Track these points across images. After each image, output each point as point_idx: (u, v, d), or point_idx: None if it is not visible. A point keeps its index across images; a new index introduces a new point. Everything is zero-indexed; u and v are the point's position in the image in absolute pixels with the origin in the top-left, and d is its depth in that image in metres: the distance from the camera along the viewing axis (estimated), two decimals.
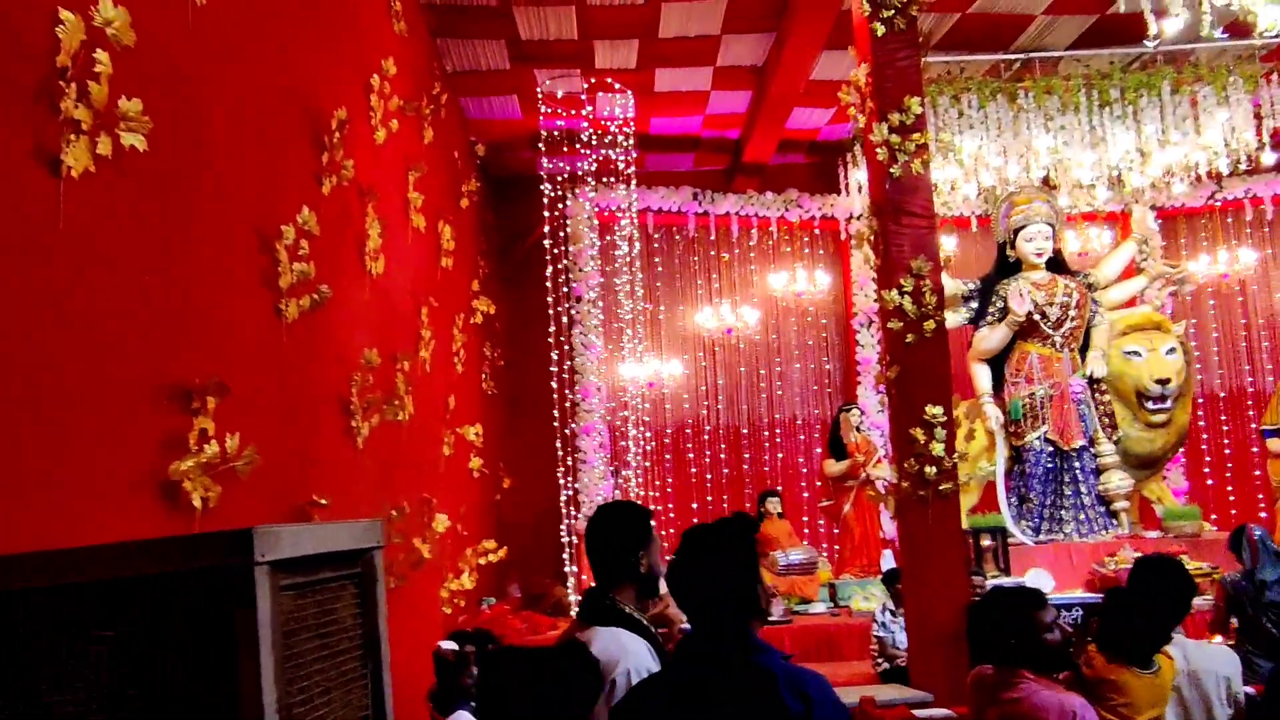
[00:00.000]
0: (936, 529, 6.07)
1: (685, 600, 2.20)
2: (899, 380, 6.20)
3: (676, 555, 2.24)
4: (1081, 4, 8.83)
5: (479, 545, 8.89)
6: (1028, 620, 2.64)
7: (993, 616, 2.70)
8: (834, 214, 11.40)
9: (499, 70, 9.23)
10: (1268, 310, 12.26)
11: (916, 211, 6.23)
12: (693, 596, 2.17)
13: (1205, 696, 2.86)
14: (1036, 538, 10.03)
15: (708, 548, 2.18)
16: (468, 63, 9.13)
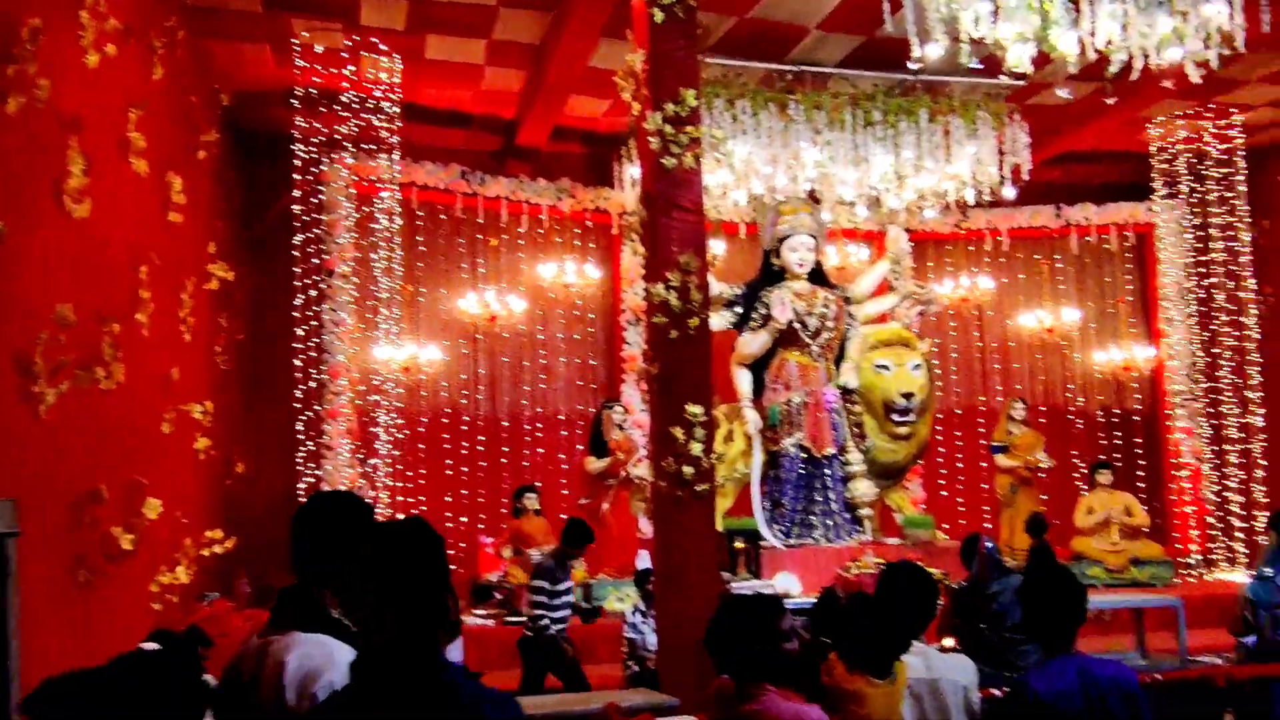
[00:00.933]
0: (692, 530, 5.94)
1: (363, 614, 1.89)
2: (661, 377, 6.04)
3: (354, 565, 1.91)
4: (852, 23, 9.07)
5: (203, 535, 8.06)
6: (766, 629, 2.45)
7: (729, 626, 2.50)
8: (607, 208, 11.23)
9: (250, 13, 8.38)
10: (1000, 335, 13.17)
11: (687, 206, 6.10)
12: (370, 610, 1.86)
13: (944, 706, 2.78)
14: (787, 541, 10.27)
15: (386, 556, 1.87)
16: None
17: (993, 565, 5.90)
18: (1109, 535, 10.78)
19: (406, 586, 1.89)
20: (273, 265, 10.03)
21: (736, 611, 2.52)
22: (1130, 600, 7.10)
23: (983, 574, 5.91)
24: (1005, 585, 5.88)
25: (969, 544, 6.21)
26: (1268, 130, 12.12)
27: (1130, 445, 12.98)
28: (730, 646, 2.49)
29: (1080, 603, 2.86)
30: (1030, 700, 2.72)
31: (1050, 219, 12.78)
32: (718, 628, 2.55)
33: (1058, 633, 2.85)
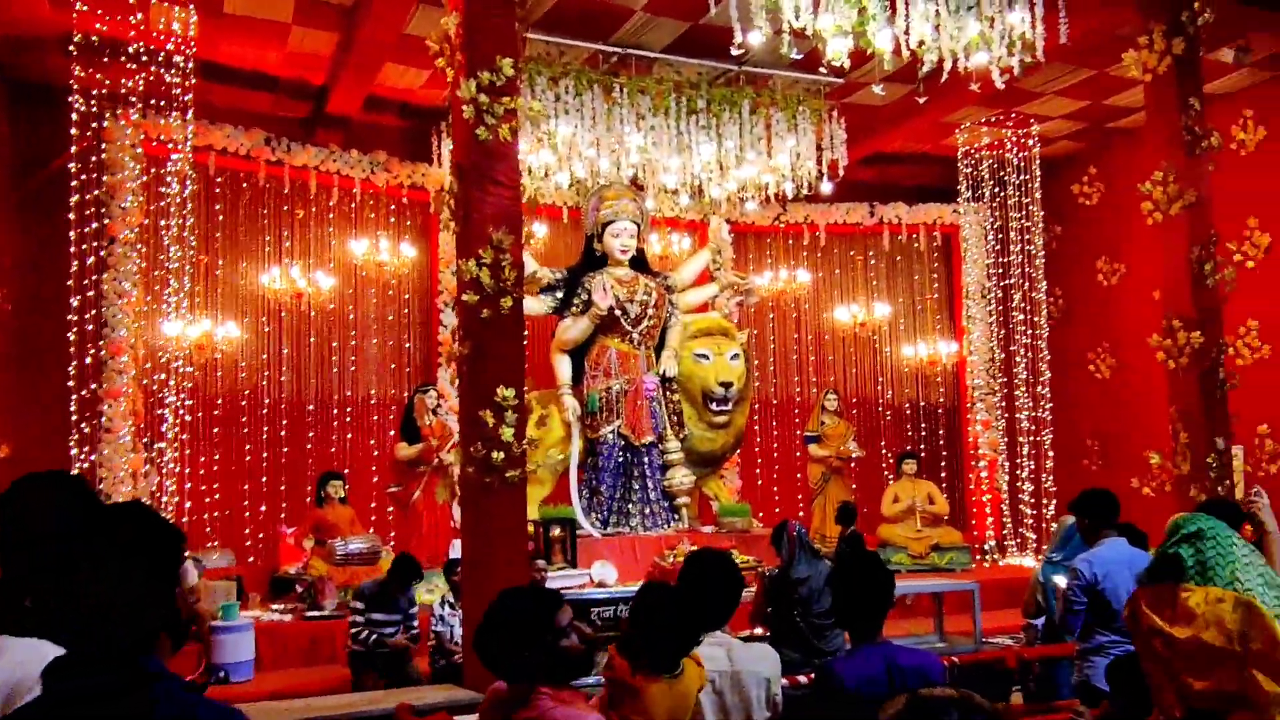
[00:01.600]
0: (501, 518, 5.67)
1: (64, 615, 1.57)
2: (471, 358, 5.74)
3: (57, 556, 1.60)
4: (678, 7, 8.98)
5: None
6: (539, 626, 2.23)
7: (499, 624, 2.26)
8: (425, 184, 10.75)
9: None
10: (816, 328, 13.48)
11: (502, 181, 5.81)
12: (69, 611, 1.53)
13: (746, 699, 2.64)
14: (604, 530, 10.15)
15: (94, 546, 1.56)
16: None
17: (801, 550, 5.90)
18: (912, 523, 11.18)
19: (115, 581, 1.58)
20: (47, 228, 9.07)
21: (507, 607, 2.29)
22: (930, 585, 7.32)
23: (791, 559, 5.90)
24: (814, 570, 5.90)
25: (778, 531, 6.21)
26: (1061, 141, 12.87)
27: (934, 436, 13.55)
28: (500, 647, 2.25)
29: (887, 591, 2.79)
30: (836, 687, 2.62)
31: (865, 216, 13.16)
32: (486, 626, 2.31)
33: (865, 621, 2.77)
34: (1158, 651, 2.67)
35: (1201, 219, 8.50)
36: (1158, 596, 2.76)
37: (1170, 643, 2.62)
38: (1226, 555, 2.77)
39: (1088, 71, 10.78)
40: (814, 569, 5.85)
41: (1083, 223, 13.23)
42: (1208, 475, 8.08)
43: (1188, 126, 8.54)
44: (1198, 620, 2.64)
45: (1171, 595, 2.74)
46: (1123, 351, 12.47)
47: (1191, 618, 2.65)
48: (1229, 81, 11.00)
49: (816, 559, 5.96)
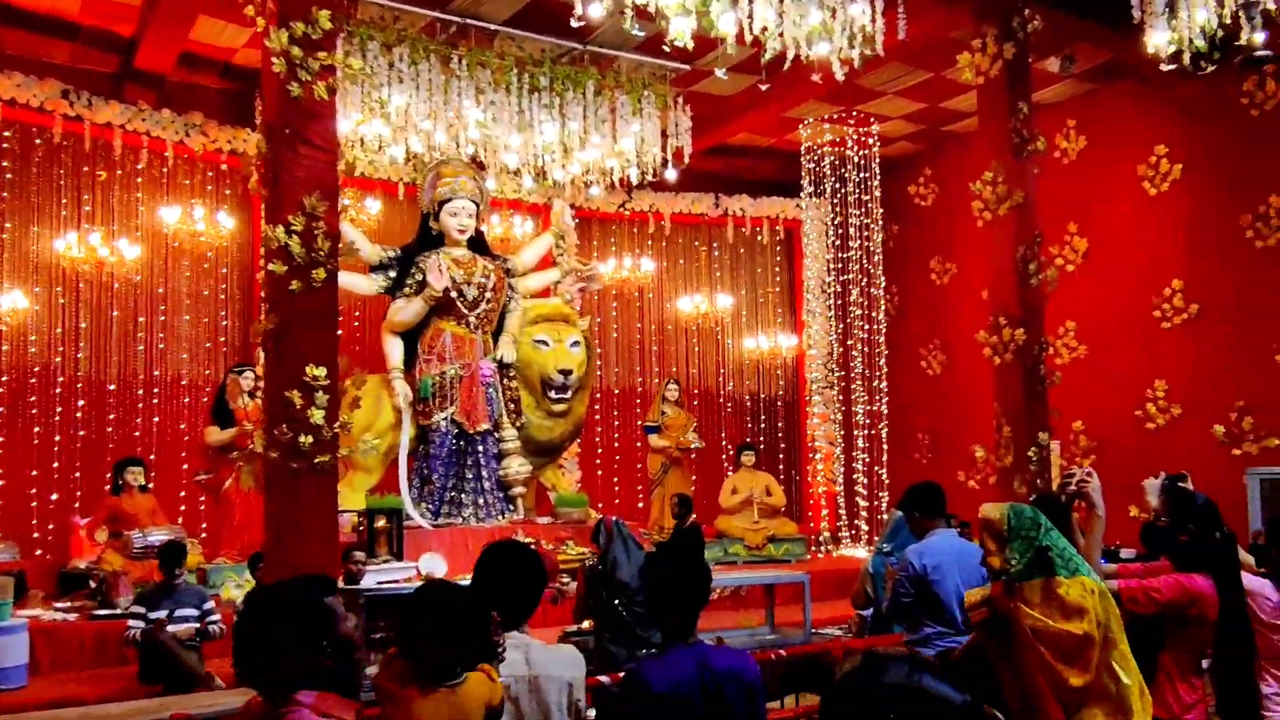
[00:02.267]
0: (310, 506, 5.22)
1: None
2: (279, 334, 5.26)
3: None
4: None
5: None
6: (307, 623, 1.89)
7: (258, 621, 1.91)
8: (247, 150, 10.02)
9: None
10: (659, 318, 13.36)
11: (316, 142, 5.35)
12: None
13: (545, 706, 2.37)
14: (435, 521, 9.72)
15: None
16: None
17: (620, 540, 5.69)
18: (750, 514, 11.19)
19: None
20: None
21: (266, 603, 1.94)
22: (762, 577, 7.26)
23: (609, 550, 5.68)
24: (634, 560, 5.69)
25: (598, 524, 5.99)
26: (899, 142, 13.16)
27: (774, 428, 13.67)
28: (257, 647, 1.90)
29: (701, 589, 2.56)
30: (642, 692, 2.37)
31: (710, 207, 13.13)
32: (243, 625, 1.96)
33: (678, 619, 2.54)
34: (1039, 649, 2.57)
35: (1027, 219, 8.77)
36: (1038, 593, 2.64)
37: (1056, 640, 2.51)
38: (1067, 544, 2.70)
39: (925, 74, 11.02)
40: (634, 559, 5.65)
41: (918, 223, 13.58)
42: (1029, 468, 8.33)
43: (1016, 129, 8.79)
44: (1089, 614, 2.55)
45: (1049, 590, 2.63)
46: (952, 349, 12.87)
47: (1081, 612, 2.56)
48: (1054, 91, 11.46)
49: (637, 549, 5.75)
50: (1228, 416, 10.18)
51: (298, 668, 1.87)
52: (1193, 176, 10.66)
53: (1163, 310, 10.80)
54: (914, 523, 4.83)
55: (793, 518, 12.70)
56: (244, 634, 1.94)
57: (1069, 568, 2.65)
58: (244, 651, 1.92)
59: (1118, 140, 11.33)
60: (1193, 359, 10.52)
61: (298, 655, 1.86)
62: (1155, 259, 10.90)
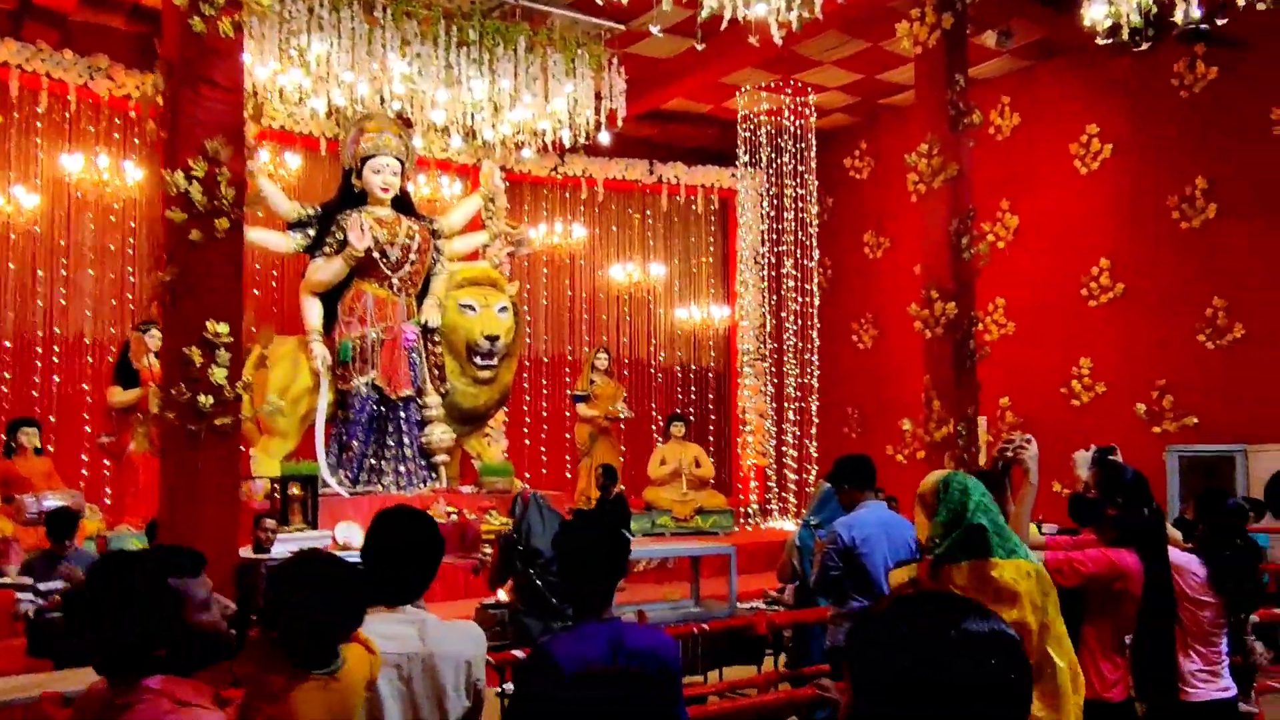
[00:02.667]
0: (209, 472, 4.92)
1: None
2: (177, 287, 4.92)
3: None
4: None
5: None
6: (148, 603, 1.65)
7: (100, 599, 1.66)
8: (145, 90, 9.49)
9: None
10: (591, 285, 13.12)
11: (219, 82, 5.00)
12: None
13: (439, 687, 2.16)
14: (354, 489, 9.42)
15: None
16: None
17: (536, 510, 5.50)
18: (678, 486, 11.07)
19: None
20: None
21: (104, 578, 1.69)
22: (688, 549, 7.13)
23: (524, 519, 5.49)
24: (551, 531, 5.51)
25: (516, 495, 5.80)
26: (836, 114, 13.05)
27: (704, 400, 13.55)
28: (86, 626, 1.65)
29: (617, 560, 2.37)
30: (549, 671, 2.18)
31: (644, 174, 12.89)
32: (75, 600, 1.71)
33: (591, 593, 2.34)
34: None
35: (962, 193, 8.72)
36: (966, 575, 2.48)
37: None
38: (999, 517, 2.55)
39: (863, 43, 10.90)
40: (549, 528, 5.47)
41: (853, 196, 13.52)
42: (957, 443, 8.32)
43: (953, 101, 8.72)
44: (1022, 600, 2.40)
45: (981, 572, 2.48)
46: (883, 323, 12.86)
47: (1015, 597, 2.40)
48: (990, 67, 11.43)
49: (554, 519, 5.56)
50: (1149, 395, 10.32)
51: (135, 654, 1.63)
52: (1123, 157, 10.73)
53: (1090, 289, 10.89)
54: (843, 495, 4.72)
55: (722, 490, 12.61)
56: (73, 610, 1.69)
57: (1006, 548, 2.50)
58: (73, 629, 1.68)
59: (1051, 118, 11.35)
60: (1117, 338, 10.63)
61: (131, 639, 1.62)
62: (1084, 238, 10.98)
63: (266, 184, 9.49)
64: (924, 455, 8.62)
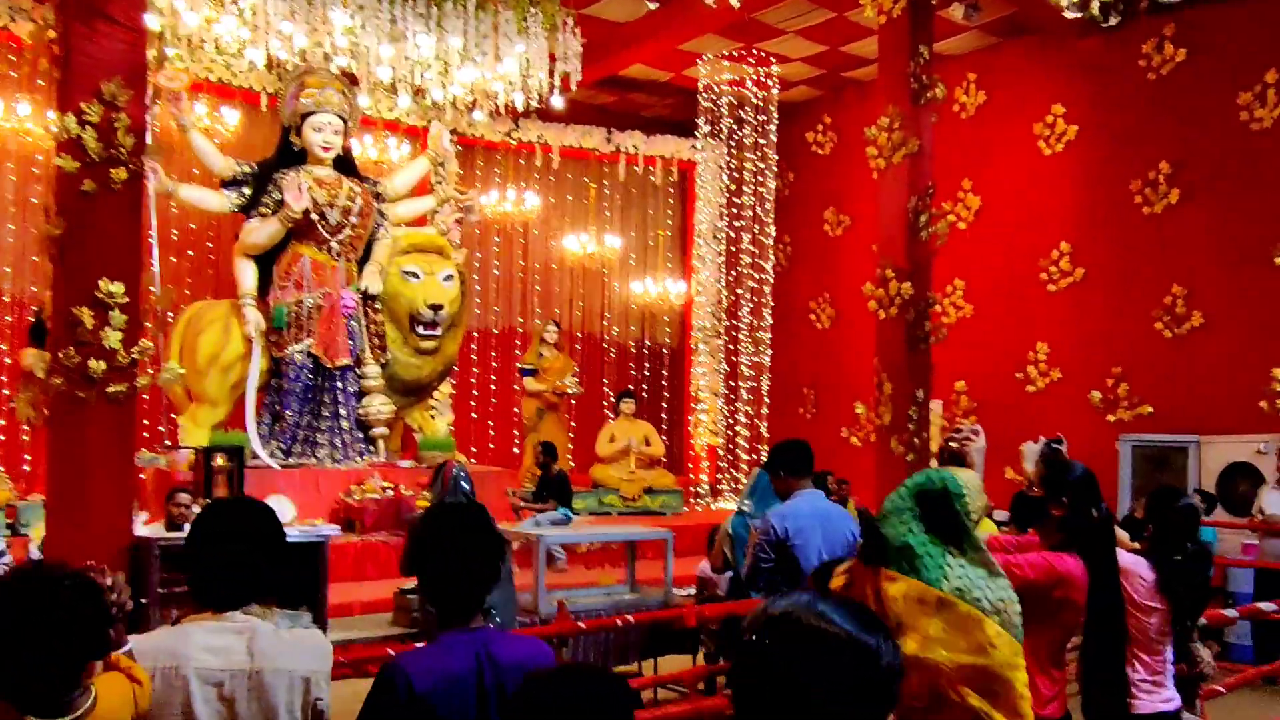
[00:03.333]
0: (100, 443, 4.54)
1: None
2: (66, 241, 4.53)
3: None
4: None
5: None
6: None
7: None
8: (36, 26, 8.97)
9: None
10: (544, 256, 12.76)
11: (117, 18, 4.59)
12: None
13: (270, 708, 1.86)
14: (286, 460, 9.05)
15: None
16: None
17: (458, 492, 5.17)
18: (627, 464, 10.81)
19: None
20: None
21: None
22: (624, 533, 6.86)
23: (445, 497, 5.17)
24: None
25: (438, 469, 5.44)
26: (799, 86, 12.74)
27: (658, 376, 13.27)
28: None
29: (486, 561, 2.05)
30: (398, 691, 1.87)
31: (601, 142, 12.53)
32: None
33: (454, 599, 2.04)
34: None
35: (921, 169, 8.44)
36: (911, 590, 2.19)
37: None
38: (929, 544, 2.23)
39: (828, 13, 10.59)
40: None
41: (814, 171, 13.24)
42: (908, 427, 8.09)
43: (915, 74, 8.42)
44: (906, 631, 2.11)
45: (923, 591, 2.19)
46: (841, 303, 12.62)
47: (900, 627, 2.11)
48: (957, 42, 11.17)
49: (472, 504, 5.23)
50: (1104, 382, 10.17)
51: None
52: (1087, 138, 10.53)
53: (1049, 273, 10.71)
54: (779, 483, 4.43)
55: (673, 469, 12.38)
56: None
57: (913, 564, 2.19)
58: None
59: (1016, 97, 11.12)
60: (1075, 323, 10.47)
61: None
62: (1045, 220, 10.78)
63: (199, 139, 9.05)
64: (875, 439, 8.38)
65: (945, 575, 2.17)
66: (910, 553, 2.19)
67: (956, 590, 2.15)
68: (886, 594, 2.15)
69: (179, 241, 10.29)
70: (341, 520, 8.53)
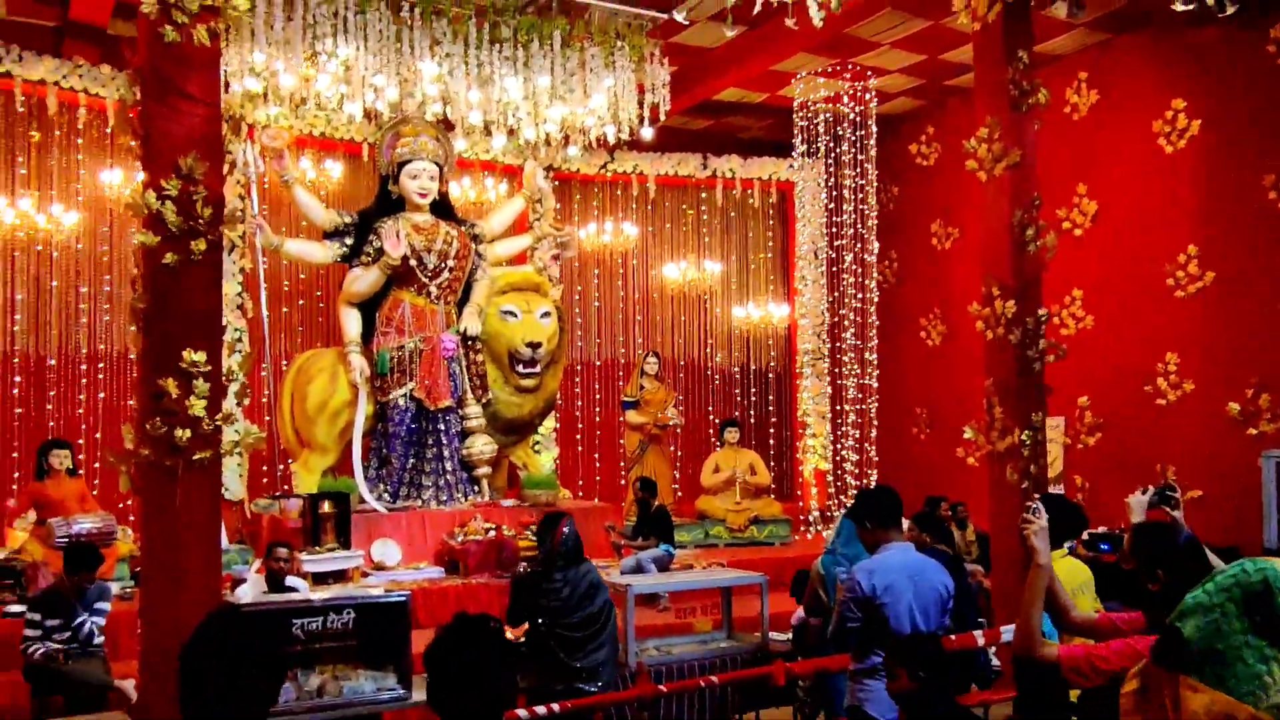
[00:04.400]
0: (187, 510, 4.65)
1: None
2: (151, 314, 4.66)
3: None
4: None
5: None
6: None
7: None
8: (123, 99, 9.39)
9: None
10: (643, 286, 12.67)
11: (193, 94, 4.72)
12: None
13: None
14: (393, 504, 9.19)
15: None
16: None
17: (567, 554, 5.07)
18: (732, 495, 10.59)
19: None
20: None
21: None
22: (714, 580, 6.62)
23: (549, 561, 5.08)
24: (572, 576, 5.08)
25: (549, 521, 5.33)
26: (899, 98, 12.37)
27: (764, 402, 13.02)
28: None
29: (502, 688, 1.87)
30: None
31: (697, 168, 12.41)
32: None
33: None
34: None
35: (1025, 180, 8.01)
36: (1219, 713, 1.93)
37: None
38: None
39: (923, 21, 10.23)
40: (572, 574, 5.05)
41: (919, 184, 12.82)
42: (1021, 453, 7.66)
43: (1015, 80, 8.01)
44: None
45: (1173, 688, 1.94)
46: (953, 318, 12.15)
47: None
48: (1063, 42, 10.65)
49: (578, 564, 5.13)
50: (1243, 393, 9.44)
51: None
52: (1212, 133, 9.85)
53: (1176, 278, 10.03)
54: (865, 534, 4.20)
55: (783, 497, 12.11)
56: None
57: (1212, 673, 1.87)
58: None
59: (1132, 94, 10.50)
60: (1207, 330, 9.77)
61: None
62: (1170, 223, 10.12)
63: (302, 193, 9.33)
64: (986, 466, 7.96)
65: (1265, 687, 1.89)
66: (1219, 659, 1.92)
67: (1276, 708, 1.89)
68: (1187, 707, 1.89)
69: (289, 292, 10.60)
70: (446, 562, 8.61)
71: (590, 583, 5.05)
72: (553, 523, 5.25)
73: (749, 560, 9.01)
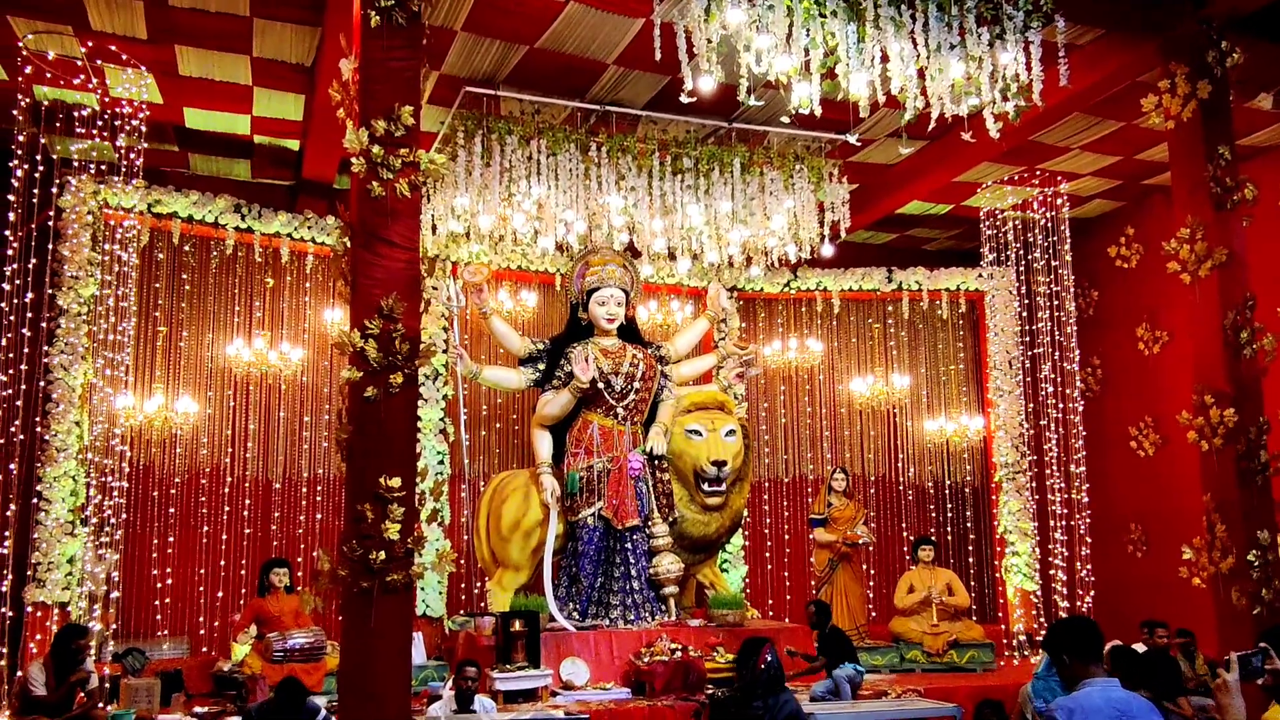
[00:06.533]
0: (381, 629, 4.92)
1: None
2: (353, 444, 5.06)
3: None
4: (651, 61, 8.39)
5: None
6: None
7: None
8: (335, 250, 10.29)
9: None
10: (830, 401, 12.57)
11: (395, 241, 5.19)
12: None
13: None
14: (582, 622, 9.32)
15: None
16: None
17: (768, 681, 5.01)
18: (929, 616, 10.12)
19: None
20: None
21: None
22: (904, 711, 6.31)
23: (750, 688, 5.02)
24: (772, 704, 5.00)
25: (751, 647, 5.26)
26: (1094, 201, 11.97)
27: (960, 518, 12.48)
28: None
29: None
30: None
31: (882, 282, 12.33)
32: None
33: None
34: None
35: (1235, 280, 7.56)
36: None
37: None
38: None
39: (1114, 124, 9.94)
40: (773, 702, 4.98)
41: (1121, 287, 12.23)
42: (1250, 575, 7.01)
43: (1216, 177, 7.67)
44: None
45: None
46: (1167, 427, 11.35)
47: None
48: (1271, 134, 10.06)
49: (779, 692, 5.05)
50: None
51: None
52: None
53: None
54: (1064, 670, 3.93)
55: (985, 618, 11.47)
56: None
57: None
58: None
59: None
60: None
61: None
62: None
63: (499, 324, 9.90)
64: (1208, 588, 7.32)
65: None
66: None
67: None
68: None
69: (487, 416, 11.16)
70: (632, 683, 8.60)
71: (789, 713, 4.96)
72: (755, 648, 5.21)
73: (948, 687, 8.53)
